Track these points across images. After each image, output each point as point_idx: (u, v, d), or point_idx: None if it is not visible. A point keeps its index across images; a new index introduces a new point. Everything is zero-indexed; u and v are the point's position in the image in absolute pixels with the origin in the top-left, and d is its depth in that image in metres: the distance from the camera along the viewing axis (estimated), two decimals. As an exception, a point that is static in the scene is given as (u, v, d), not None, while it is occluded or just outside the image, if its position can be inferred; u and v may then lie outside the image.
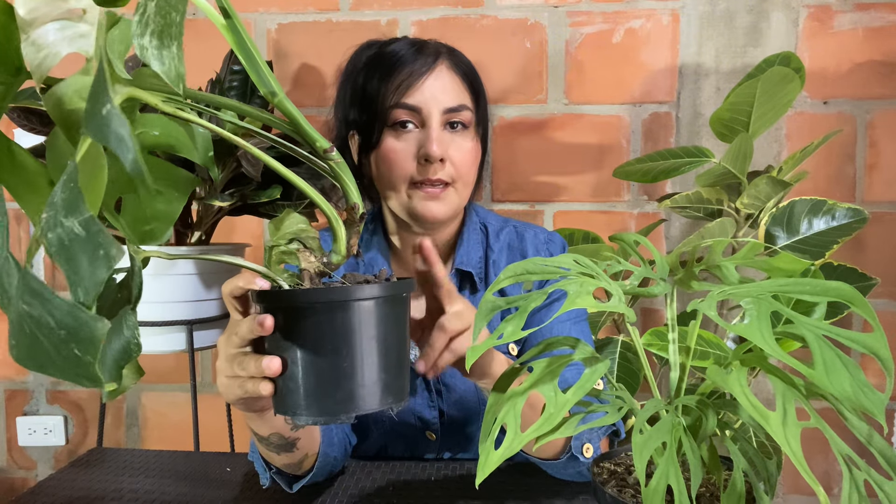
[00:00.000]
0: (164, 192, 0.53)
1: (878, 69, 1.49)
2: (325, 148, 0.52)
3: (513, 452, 0.43)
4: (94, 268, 0.29)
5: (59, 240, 0.29)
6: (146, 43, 0.38)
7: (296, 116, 0.51)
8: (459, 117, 0.91)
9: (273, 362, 0.54)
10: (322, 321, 0.53)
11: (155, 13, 0.37)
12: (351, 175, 0.55)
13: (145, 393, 1.75)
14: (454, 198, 0.92)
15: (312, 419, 0.54)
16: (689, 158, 1.27)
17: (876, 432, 0.40)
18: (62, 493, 0.85)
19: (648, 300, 1.60)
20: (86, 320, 0.29)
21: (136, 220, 0.53)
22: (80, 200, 0.29)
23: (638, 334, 0.53)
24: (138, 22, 0.38)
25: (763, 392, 1.46)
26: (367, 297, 0.53)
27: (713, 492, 0.47)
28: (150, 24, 0.38)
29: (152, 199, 0.52)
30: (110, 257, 0.29)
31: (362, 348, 0.53)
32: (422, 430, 0.98)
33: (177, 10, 0.38)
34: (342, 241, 0.56)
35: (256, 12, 1.60)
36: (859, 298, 0.40)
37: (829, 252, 1.20)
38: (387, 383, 0.55)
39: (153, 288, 1.24)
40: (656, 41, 1.54)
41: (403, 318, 0.58)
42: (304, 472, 0.81)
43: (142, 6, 0.38)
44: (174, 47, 0.39)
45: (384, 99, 0.90)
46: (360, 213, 0.56)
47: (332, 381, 0.53)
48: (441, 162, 0.88)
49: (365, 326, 0.53)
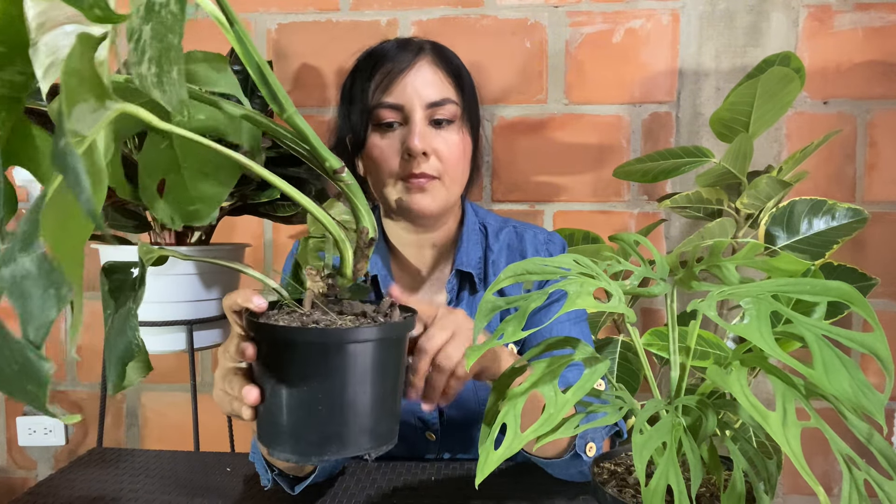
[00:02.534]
0: (211, 174, 0.52)
1: (878, 69, 1.49)
2: (336, 168, 0.50)
3: (513, 452, 0.43)
4: (44, 307, 0.28)
5: (13, 276, 0.28)
6: (145, 71, 0.36)
7: (307, 134, 0.49)
8: (444, 112, 0.90)
9: (251, 393, 0.53)
10: (303, 361, 0.50)
11: (151, 38, 0.35)
12: (363, 196, 0.53)
13: (145, 393, 1.75)
14: (441, 191, 0.91)
15: (286, 456, 0.52)
16: (689, 158, 1.27)
17: (876, 432, 0.40)
18: (62, 493, 0.85)
19: (648, 300, 1.60)
20: (33, 361, 0.29)
21: (179, 201, 0.53)
22: (36, 235, 0.28)
23: (638, 334, 0.53)
24: (133, 49, 0.35)
25: (763, 392, 1.46)
26: (357, 340, 0.50)
27: (713, 492, 0.47)
28: (148, 50, 0.35)
29: (198, 180, 0.52)
30: (61, 297, 0.28)
31: (345, 393, 0.50)
32: (422, 430, 0.98)
33: (174, 32, 0.36)
34: (349, 264, 0.54)
35: (256, 12, 1.60)
36: (859, 298, 0.40)
37: (829, 252, 1.20)
38: (369, 428, 0.52)
39: (153, 288, 1.24)
40: (656, 41, 1.54)
41: (398, 359, 0.55)
42: (307, 473, 0.81)
43: (136, 32, 0.35)
44: (174, 72, 0.37)
45: (368, 99, 0.91)
46: (369, 237, 0.54)
47: (307, 422, 0.51)
48: (425, 156, 0.88)
49: (350, 370, 0.50)
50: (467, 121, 0.95)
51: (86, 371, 1.76)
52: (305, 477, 0.81)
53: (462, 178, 0.95)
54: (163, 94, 0.37)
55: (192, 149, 0.51)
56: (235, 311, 0.58)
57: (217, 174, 0.53)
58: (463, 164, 0.94)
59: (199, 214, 0.53)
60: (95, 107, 0.32)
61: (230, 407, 0.58)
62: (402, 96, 0.89)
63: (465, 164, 0.95)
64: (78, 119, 0.30)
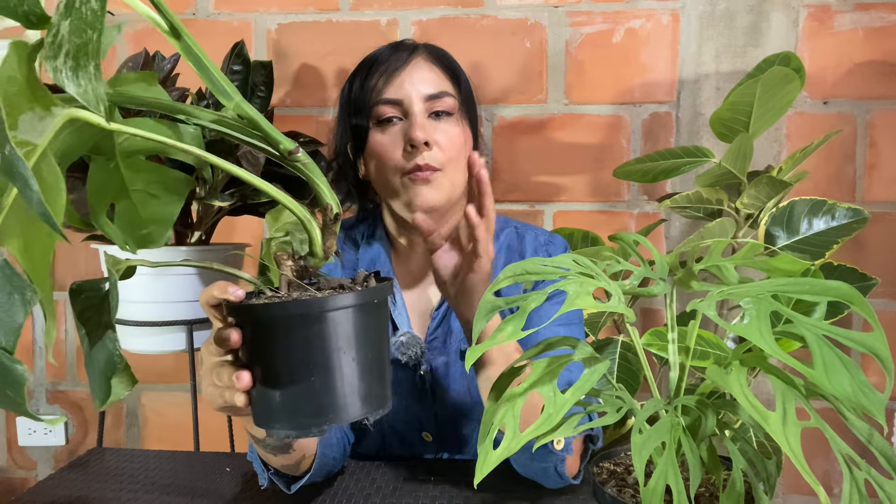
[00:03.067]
0: (160, 195, 0.53)
1: (878, 69, 1.49)
2: (290, 149, 0.51)
3: (511, 452, 0.43)
4: (11, 312, 0.29)
5: None
6: (60, 65, 0.36)
7: (258, 120, 0.49)
8: (442, 104, 0.91)
9: (243, 376, 0.54)
10: (287, 335, 0.52)
11: (70, 33, 0.35)
12: (322, 175, 0.54)
13: (145, 393, 1.75)
14: (446, 183, 0.91)
15: (285, 432, 0.53)
16: (689, 158, 1.26)
17: (876, 432, 0.40)
18: (62, 493, 0.85)
19: (648, 300, 1.60)
20: (7, 365, 0.29)
21: (131, 224, 0.53)
22: None
23: (638, 334, 0.53)
24: (50, 44, 0.36)
25: (763, 392, 1.46)
26: (336, 308, 0.51)
27: (712, 492, 0.47)
28: (65, 44, 0.35)
29: (147, 203, 0.52)
30: (26, 301, 0.29)
31: (332, 360, 0.52)
32: (418, 431, 0.98)
33: (94, 28, 0.36)
34: (318, 243, 0.55)
35: (256, 12, 1.60)
36: (859, 298, 0.40)
37: (829, 252, 1.20)
38: (362, 393, 0.53)
39: (153, 288, 1.24)
40: (656, 41, 1.54)
41: (380, 324, 0.56)
42: (302, 472, 0.81)
43: (54, 27, 0.35)
44: (91, 67, 0.36)
45: (367, 98, 0.92)
46: (333, 213, 0.55)
47: (301, 394, 0.52)
48: (427, 146, 0.88)
49: (333, 338, 0.51)
50: (465, 114, 0.96)
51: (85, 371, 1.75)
52: (301, 476, 0.81)
53: (464, 171, 0.94)
54: (77, 88, 0.36)
55: (139, 169, 0.51)
56: (213, 305, 0.59)
57: (165, 194, 0.52)
58: (464, 154, 0.94)
59: (152, 237, 0.53)
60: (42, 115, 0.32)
61: (222, 399, 0.58)
62: (401, 91, 0.90)
63: (466, 155, 0.95)
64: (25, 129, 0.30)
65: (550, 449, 0.77)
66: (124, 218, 0.52)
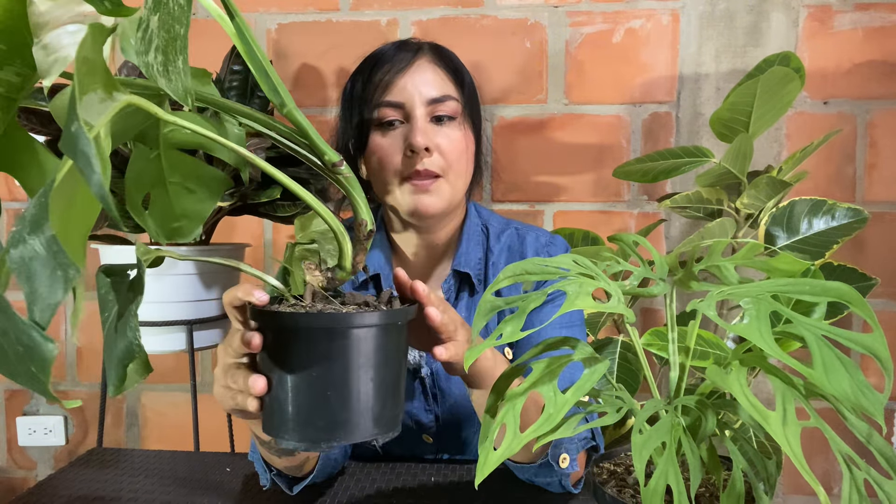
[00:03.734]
0: (196, 190, 0.53)
1: (878, 69, 1.49)
2: (334, 161, 0.51)
3: (512, 453, 0.43)
4: (52, 288, 0.29)
5: (21, 257, 0.29)
6: (151, 60, 0.36)
7: (306, 128, 0.49)
8: (444, 108, 0.90)
9: (258, 382, 0.53)
10: (308, 347, 0.51)
11: (159, 28, 0.36)
12: (361, 190, 0.53)
13: (145, 393, 1.75)
14: (446, 189, 0.90)
15: (294, 444, 0.52)
16: (689, 158, 1.27)
17: (875, 432, 0.40)
18: (62, 493, 0.85)
19: (648, 300, 1.60)
20: (38, 341, 0.29)
21: (164, 216, 0.53)
22: (45, 218, 0.29)
23: (637, 334, 0.53)
24: (141, 39, 0.36)
25: (763, 392, 1.46)
26: (361, 325, 0.51)
27: (713, 492, 0.47)
28: (155, 39, 0.36)
29: (182, 196, 0.52)
30: (68, 278, 0.29)
31: (351, 378, 0.51)
32: (418, 433, 0.98)
33: (181, 23, 0.37)
34: (348, 257, 0.55)
35: (256, 12, 1.60)
36: (858, 298, 0.40)
37: (829, 252, 1.20)
38: (375, 414, 0.53)
39: (153, 288, 1.24)
40: (656, 41, 1.54)
41: (400, 347, 0.56)
42: (305, 473, 0.81)
43: (144, 21, 0.36)
44: (180, 62, 0.37)
45: (368, 99, 0.91)
46: (367, 229, 0.54)
47: (315, 408, 0.51)
48: (427, 151, 0.87)
49: (355, 355, 0.51)
50: (468, 117, 0.94)
51: (86, 371, 1.76)
52: (304, 477, 0.81)
53: (466, 175, 0.94)
54: (168, 83, 0.37)
55: (179, 162, 0.51)
56: (236, 306, 0.58)
57: (201, 189, 0.53)
58: (466, 160, 0.93)
59: (183, 231, 0.53)
60: (103, 97, 0.33)
61: (234, 402, 0.57)
62: (403, 94, 0.89)
63: (468, 161, 0.94)
64: (86, 109, 0.31)
65: (556, 467, 0.77)
66: (158, 209, 0.52)
